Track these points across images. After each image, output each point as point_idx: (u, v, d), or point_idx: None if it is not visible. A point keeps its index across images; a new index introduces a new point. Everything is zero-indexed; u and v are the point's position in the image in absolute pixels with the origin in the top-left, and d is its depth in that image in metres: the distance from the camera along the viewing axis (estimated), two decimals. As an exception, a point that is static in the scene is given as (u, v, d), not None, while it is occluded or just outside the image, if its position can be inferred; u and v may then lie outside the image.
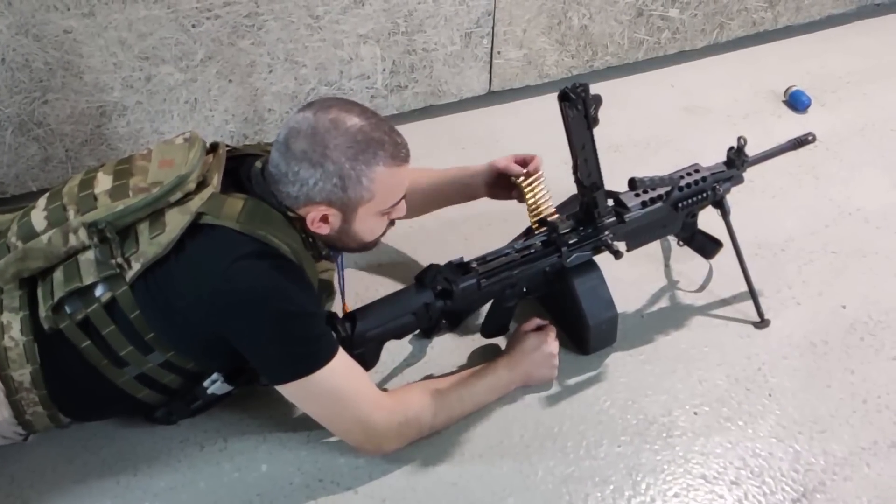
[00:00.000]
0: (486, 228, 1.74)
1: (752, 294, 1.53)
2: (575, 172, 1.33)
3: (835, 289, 1.62)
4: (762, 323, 1.53)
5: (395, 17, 1.98)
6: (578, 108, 1.20)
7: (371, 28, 1.97)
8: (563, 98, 1.21)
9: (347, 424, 1.21)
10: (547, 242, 1.39)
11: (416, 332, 1.41)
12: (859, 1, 2.69)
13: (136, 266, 1.11)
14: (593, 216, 1.37)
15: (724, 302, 1.58)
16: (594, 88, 2.36)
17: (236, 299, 1.11)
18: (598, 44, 2.30)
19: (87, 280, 1.12)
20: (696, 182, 1.45)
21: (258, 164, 1.23)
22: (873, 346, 1.49)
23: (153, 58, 1.77)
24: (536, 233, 1.43)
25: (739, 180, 1.52)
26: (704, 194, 1.46)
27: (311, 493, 1.24)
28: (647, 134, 2.11)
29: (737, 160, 1.48)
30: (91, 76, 1.73)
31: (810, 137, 1.55)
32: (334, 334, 1.23)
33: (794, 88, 2.25)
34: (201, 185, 1.15)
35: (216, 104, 1.91)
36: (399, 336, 1.35)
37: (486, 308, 1.44)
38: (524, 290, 1.40)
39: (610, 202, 1.41)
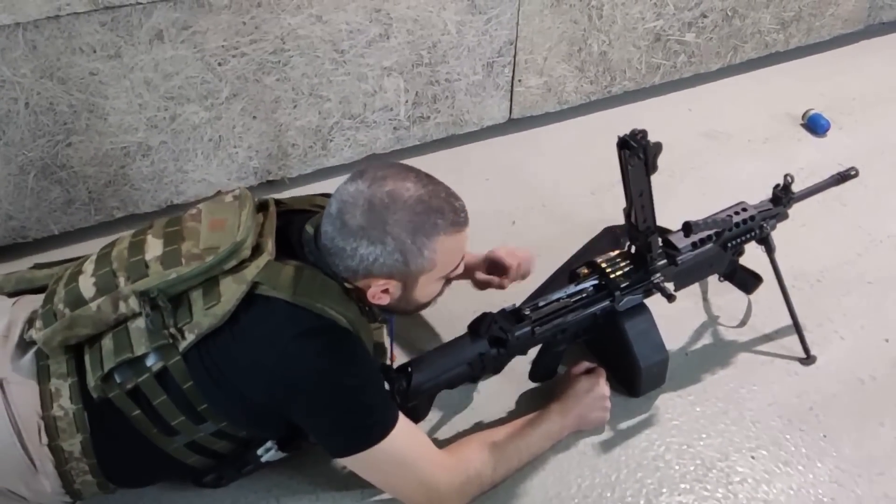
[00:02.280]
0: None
1: (798, 330, 1.53)
2: (628, 218, 1.31)
3: (876, 321, 1.62)
4: (808, 359, 1.52)
5: (419, 50, 1.96)
6: (640, 157, 1.18)
7: (395, 61, 1.94)
8: (623, 146, 1.19)
9: (410, 489, 1.19)
10: (599, 287, 1.37)
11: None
12: (867, 21, 2.70)
13: (190, 337, 1.07)
14: (645, 259, 1.36)
15: (768, 337, 1.58)
16: (613, 114, 2.38)
17: (296, 378, 1.08)
18: (617, 69, 2.29)
19: (139, 351, 1.08)
20: (744, 221, 1.44)
21: (309, 229, 1.18)
22: (925, 381, 1.49)
23: (178, 97, 1.74)
24: (582, 275, 1.41)
25: (784, 217, 1.51)
26: (752, 233, 1.45)
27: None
28: (670, 160, 2.08)
29: (784, 197, 1.47)
30: (116, 117, 1.70)
31: (853, 172, 1.55)
32: (389, 387, 1.20)
33: (812, 112, 2.25)
34: (255, 250, 1.11)
35: (240, 141, 1.87)
36: (452, 386, 1.33)
37: (532, 351, 1.42)
38: (575, 334, 1.38)
39: (659, 241, 1.40)
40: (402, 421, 1.15)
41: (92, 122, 1.68)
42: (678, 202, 1.86)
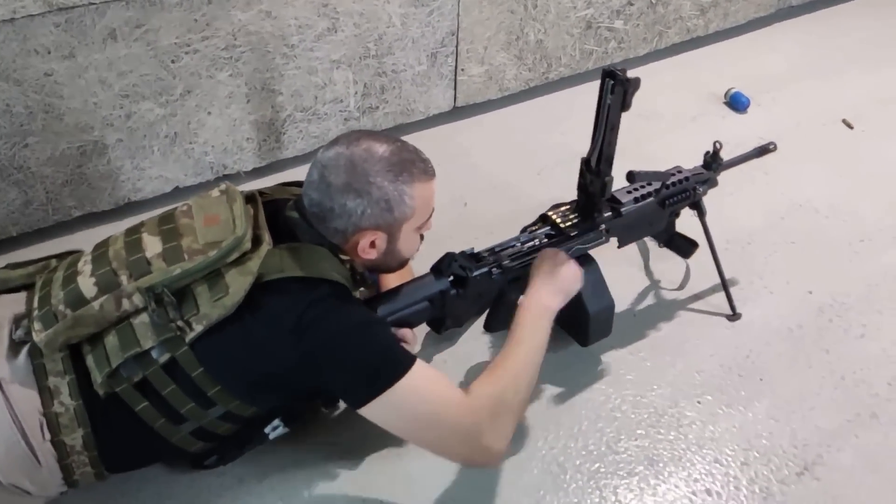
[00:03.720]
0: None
1: (726, 289, 1.67)
2: (587, 162, 1.40)
3: (799, 276, 1.78)
4: (734, 316, 1.66)
5: (365, 42, 2.03)
6: (622, 86, 1.27)
7: (343, 53, 2.01)
8: (608, 75, 1.28)
9: (444, 435, 1.16)
10: (550, 236, 1.47)
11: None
12: (777, 5, 2.90)
13: (199, 328, 1.12)
14: (595, 206, 1.46)
15: (705, 297, 1.72)
16: (552, 99, 2.50)
17: (316, 330, 1.13)
18: (553, 56, 2.41)
19: (147, 345, 1.13)
20: (680, 181, 1.57)
21: (291, 212, 1.26)
22: (841, 327, 1.65)
23: (133, 95, 1.77)
24: (535, 229, 1.50)
25: (714, 183, 1.65)
26: (687, 193, 1.58)
27: (358, 511, 1.30)
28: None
29: (713, 163, 1.61)
30: (72, 117, 1.72)
31: (772, 147, 1.70)
32: None
33: (733, 91, 2.42)
34: (255, 241, 1.17)
35: (196, 137, 1.91)
36: (412, 324, 1.39)
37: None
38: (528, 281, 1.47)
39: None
40: (420, 362, 1.17)
41: (48, 123, 1.70)
42: (617, 179, 1.98)
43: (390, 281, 1.43)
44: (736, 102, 2.40)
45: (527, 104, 2.42)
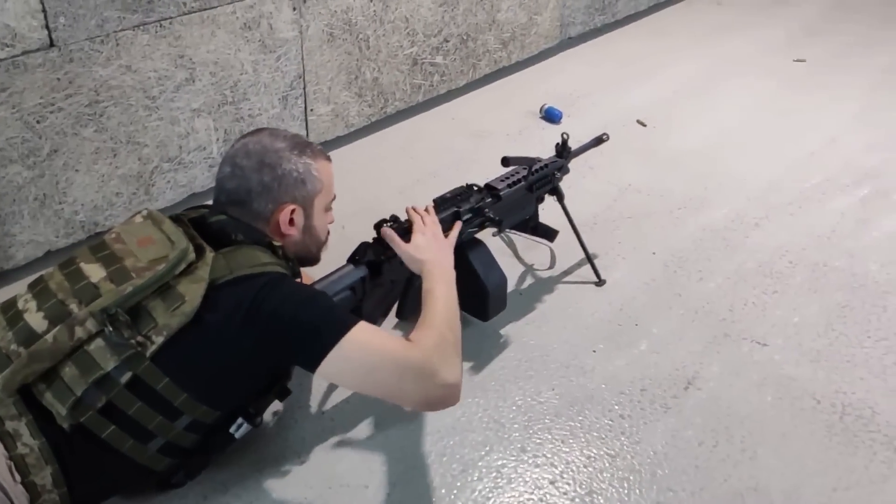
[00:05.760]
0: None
1: (590, 261, 1.94)
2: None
3: (641, 243, 2.10)
4: (600, 282, 1.93)
5: (222, 90, 2.13)
6: None
7: (203, 102, 2.09)
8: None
9: (399, 377, 1.21)
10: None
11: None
12: (560, 36, 3.35)
13: (159, 339, 1.16)
14: (474, 194, 1.69)
15: (574, 272, 1.98)
16: (392, 130, 2.71)
17: (267, 305, 1.21)
18: (388, 92, 2.63)
19: (109, 366, 1.14)
20: (542, 167, 1.82)
21: (214, 217, 1.33)
22: (684, 275, 1.98)
23: (0, 159, 1.74)
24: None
25: (567, 171, 1.92)
26: (548, 178, 1.84)
27: (328, 498, 1.37)
28: (452, 159, 2.47)
29: (564, 151, 1.88)
30: (-64, 186, 1.65)
31: (605, 137, 2.02)
32: None
33: (546, 106, 2.78)
34: (198, 251, 1.23)
35: (65, 196, 1.89)
36: None
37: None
38: None
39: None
40: (363, 321, 1.25)
41: (-89, 195, 1.62)
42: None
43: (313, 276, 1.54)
44: (550, 115, 2.75)
45: (372, 137, 2.61)
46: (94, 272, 1.20)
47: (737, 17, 3.84)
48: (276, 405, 1.53)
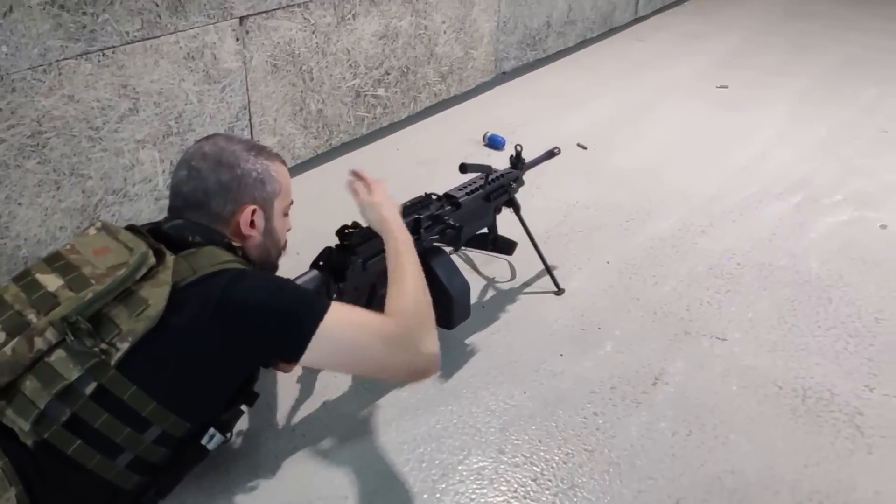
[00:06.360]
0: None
1: (549, 272, 1.97)
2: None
3: (595, 253, 2.14)
4: (560, 291, 1.96)
5: (167, 120, 2.10)
6: None
7: (147, 133, 2.06)
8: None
9: (384, 351, 1.20)
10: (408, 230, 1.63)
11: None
12: (495, 70, 3.45)
13: (124, 346, 1.11)
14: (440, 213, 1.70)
15: (534, 283, 2.00)
16: (338, 162, 2.71)
17: (237, 297, 1.17)
18: (333, 124, 2.64)
19: (73, 376, 1.09)
20: (499, 177, 1.85)
21: (171, 222, 1.30)
22: (640, 280, 2.02)
23: (-63, 191, 1.66)
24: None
25: (522, 183, 1.96)
26: (504, 188, 1.87)
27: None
28: (402, 185, 2.47)
29: (519, 163, 1.92)
30: None
31: (556, 150, 2.07)
32: None
33: (489, 133, 2.83)
34: (159, 255, 1.20)
35: (7, 231, 1.82)
36: None
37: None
38: None
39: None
40: (334, 301, 1.23)
41: None
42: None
43: None
44: (494, 142, 2.81)
45: (319, 168, 2.60)
46: (51, 282, 1.15)
47: (658, 52, 4.03)
48: (243, 422, 1.48)
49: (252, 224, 1.33)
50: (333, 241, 1.56)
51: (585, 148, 2.84)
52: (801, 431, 1.54)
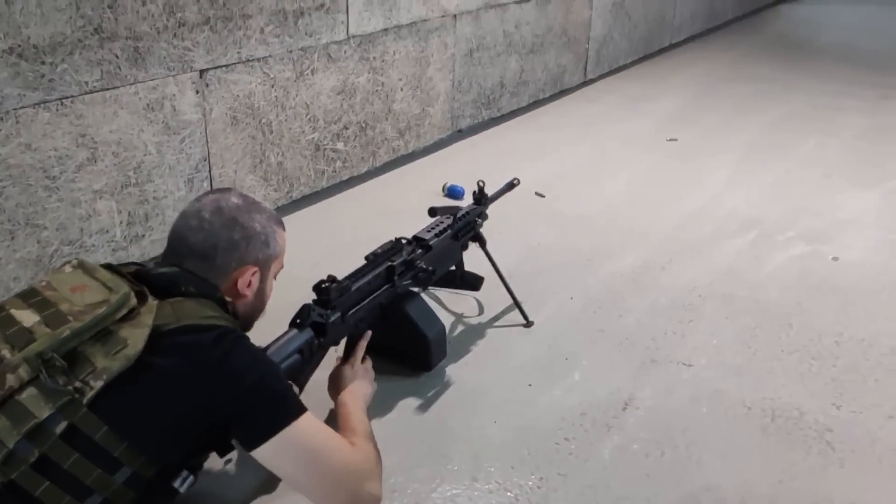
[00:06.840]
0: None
1: (517, 305, 1.97)
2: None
3: (559, 290, 2.16)
4: (528, 324, 1.96)
5: (125, 171, 2.09)
6: None
7: (105, 183, 2.04)
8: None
9: (335, 477, 1.21)
10: (377, 277, 1.62)
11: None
12: (452, 128, 3.52)
13: (98, 384, 1.07)
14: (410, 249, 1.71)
15: (503, 317, 2.00)
16: (301, 215, 2.72)
17: (235, 358, 1.15)
18: (293, 177, 2.65)
19: (44, 414, 1.05)
20: (465, 215, 1.87)
21: (163, 269, 1.26)
22: (604, 313, 2.04)
23: None
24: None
25: (486, 217, 1.98)
26: (471, 225, 1.88)
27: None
28: (369, 234, 2.48)
29: (483, 198, 1.94)
30: None
31: (516, 181, 2.11)
32: None
33: (448, 184, 2.87)
34: (140, 297, 1.17)
35: (-43, 280, 1.77)
36: (289, 377, 1.39)
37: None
38: (369, 323, 1.60)
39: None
40: (309, 412, 1.23)
41: None
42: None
43: None
44: (454, 192, 2.84)
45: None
46: (27, 317, 1.12)
47: (608, 112, 4.16)
48: (211, 460, 1.43)
49: (249, 284, 1.33)
50: (296, 290, 1.56)
51: (544, 196, 2.89)
52: (773, 449, 1.54)
